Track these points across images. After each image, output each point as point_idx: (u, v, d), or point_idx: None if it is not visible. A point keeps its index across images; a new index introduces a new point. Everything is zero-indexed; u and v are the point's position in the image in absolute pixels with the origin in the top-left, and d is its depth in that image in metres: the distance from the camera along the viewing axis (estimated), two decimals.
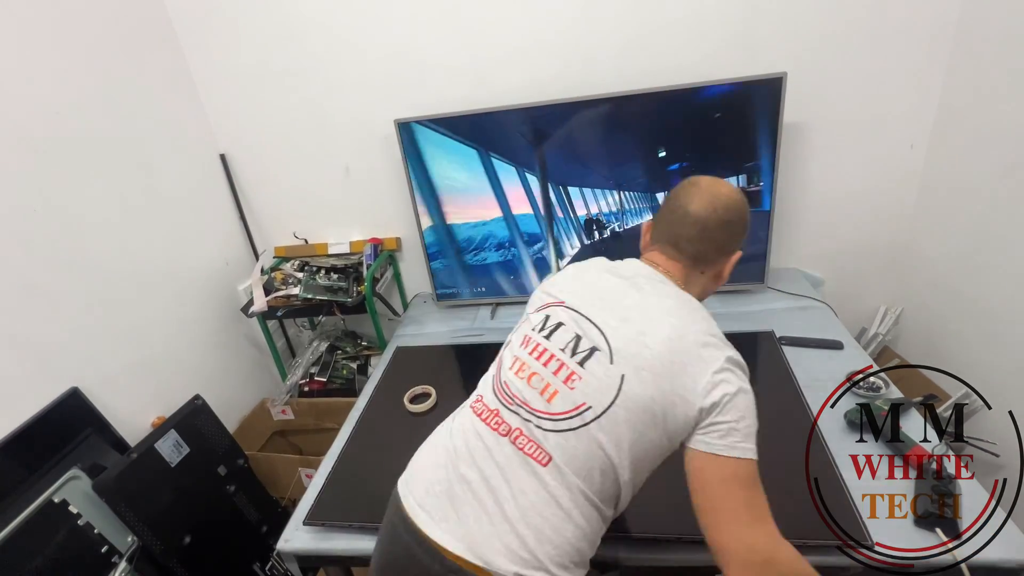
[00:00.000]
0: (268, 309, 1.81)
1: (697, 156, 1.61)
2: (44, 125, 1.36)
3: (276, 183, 1.96)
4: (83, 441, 1.36)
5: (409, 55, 1.70)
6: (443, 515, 0.77)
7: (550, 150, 1.66)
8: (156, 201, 1.68)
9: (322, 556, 1.10)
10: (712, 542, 0.70)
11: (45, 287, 1.34)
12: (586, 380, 0.76)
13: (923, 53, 1.53)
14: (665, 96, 1.52)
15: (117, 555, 1.31)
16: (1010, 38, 1.34)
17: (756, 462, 0.71)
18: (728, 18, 1.55)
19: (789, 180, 1.70)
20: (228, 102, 1.85)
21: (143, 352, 1.59)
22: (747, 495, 0.70)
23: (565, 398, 0.76)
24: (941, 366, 1.41)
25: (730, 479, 0.71)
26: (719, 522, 0.70)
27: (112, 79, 1.55)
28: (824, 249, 1.85)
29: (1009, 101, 1.35)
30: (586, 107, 1.57)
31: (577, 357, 0.78)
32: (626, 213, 1.71)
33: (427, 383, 1.45)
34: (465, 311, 1.91)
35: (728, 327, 1.56)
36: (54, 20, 1.39)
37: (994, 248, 1.43)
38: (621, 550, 0.97)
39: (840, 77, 1.58)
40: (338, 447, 1.31)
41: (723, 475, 0.71)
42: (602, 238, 1.75)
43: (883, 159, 1.68)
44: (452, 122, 1.65)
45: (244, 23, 1.72)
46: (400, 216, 1.93)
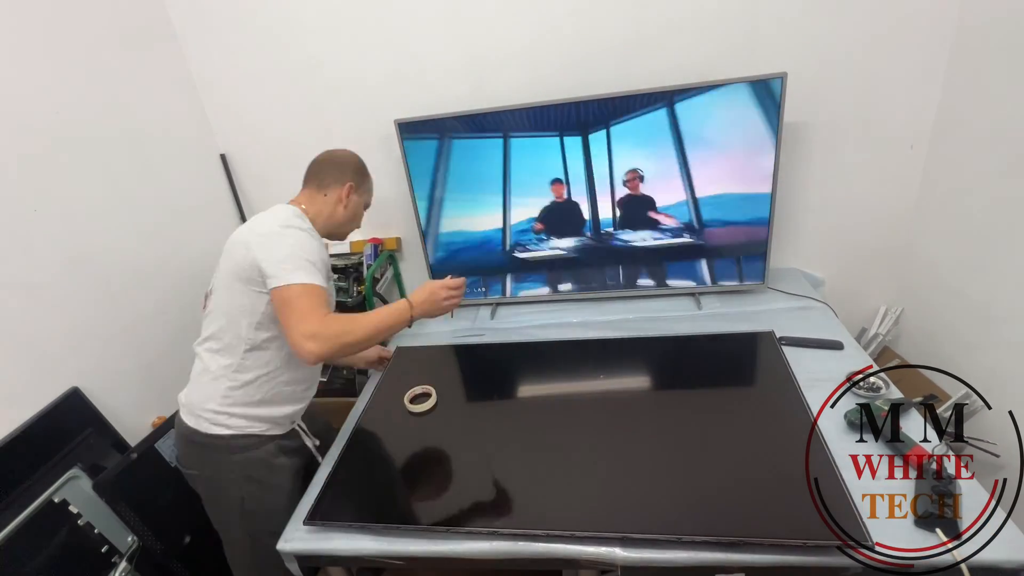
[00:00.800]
0: None
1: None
2: (44, 125, 1.36)
3: (276, 183, 1.96)
4: (83, 441, 1.36)
5: (409, 55, 1.70)
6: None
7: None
8: (156, 200, 1.68)
9: (322, 556, 1.10)
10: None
11: (45, 287, 1.34)
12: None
13: (923, 53, 1.53)
14: (665, 96, 1.53)
15: (117, 555, 1.31)
16: (1010, 38, 1.34)
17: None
18: (728, 18, 1.55)
19: (789, 180, 1.70)
20: (228, 102, 1.85)
21: (143, 352, 1.59)
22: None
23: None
24: (941, 366, 1.41)
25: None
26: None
27: (112, 79, 1.55)
28: (824, 249, 1.85)
29: (1009, 101, 1.35)
30: (586, 107, 1.57)
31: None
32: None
33: (427, 383, 1.45)
34: (465, 311, 1.91)
35: (729, 327, 1.59)
36: (54, 20, 1.39)
37: (994, 248, 1.43)
38: (619, 550, 0.97)
39: (840, 77, 1.59)
40: (338, 447, 1.31)
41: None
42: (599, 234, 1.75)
43: (883, 159, 1.68)
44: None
45: (244, 23, 1.72)
46: (400, 216, 1.93)
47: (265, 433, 1.20)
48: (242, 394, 1.16)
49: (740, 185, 1.61)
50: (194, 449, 1.19)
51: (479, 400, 1.46)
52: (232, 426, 1.16)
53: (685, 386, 1.43)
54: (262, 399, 1.18)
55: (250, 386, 1.16)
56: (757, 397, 1.33)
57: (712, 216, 1.66)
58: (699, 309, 1.73)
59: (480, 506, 1.09)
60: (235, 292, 1.11)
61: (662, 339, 1.58)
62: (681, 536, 0.95)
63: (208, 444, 1.16)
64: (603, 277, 1.82)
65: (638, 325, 1.68)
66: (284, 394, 1.21)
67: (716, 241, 1.70)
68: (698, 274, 1.76)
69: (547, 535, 1.00)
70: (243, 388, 1.16)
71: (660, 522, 0.99)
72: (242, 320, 1.12)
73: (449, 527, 1.04)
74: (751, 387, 1.38)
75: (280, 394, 1.20)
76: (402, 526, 1.06)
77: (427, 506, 1.11)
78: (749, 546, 0.94)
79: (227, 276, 1.13)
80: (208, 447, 1.17)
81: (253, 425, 1.18)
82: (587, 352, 1.58)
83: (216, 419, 1.16)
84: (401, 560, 1.05)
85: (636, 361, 1.53)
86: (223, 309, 1.15)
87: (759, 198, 1.61)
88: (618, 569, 0.98)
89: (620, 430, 1.24)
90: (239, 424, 1.16)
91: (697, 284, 1.77)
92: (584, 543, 0.99)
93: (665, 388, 1.45)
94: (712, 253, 1.72)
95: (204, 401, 1.17)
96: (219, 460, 1.17)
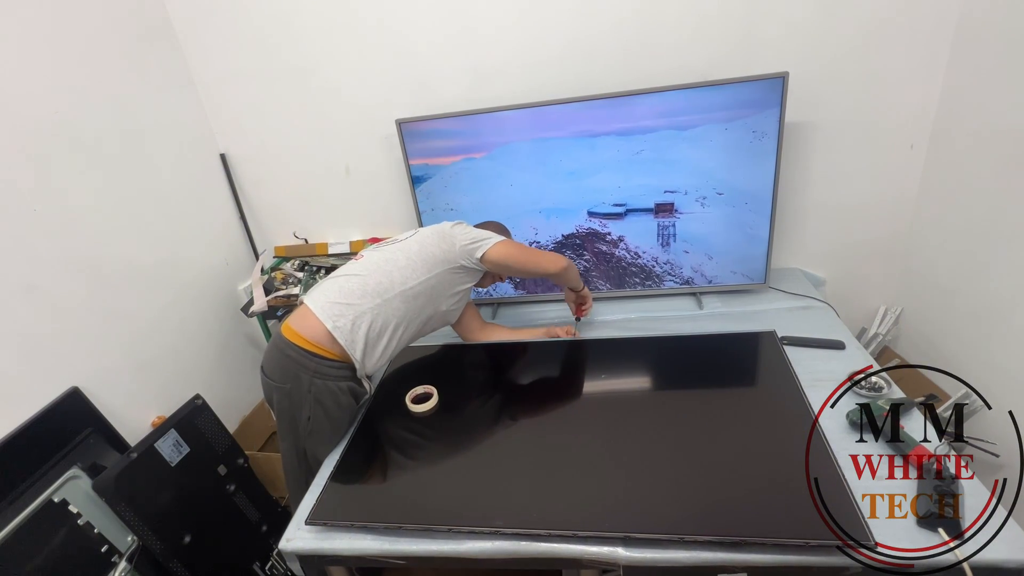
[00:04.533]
0: (268, 309, 1.80)
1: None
2: (44, 125, 1.36)
3: (276, 183, 1.96)
4: (83, 441, 1.36)
5: (410, 54, 1.70)
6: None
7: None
8: (156, 201, 1.67)
9: (324, 556, 1.10)
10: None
11: (45, 287, 1.34)
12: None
13: (923, 53, 1.53)
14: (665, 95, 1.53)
15: (117, 555, 1.31)
16: (1010, 38, 1.34)
17: None
18: (729, 18, 1.55)
19: (790, 180, 1.70)
20: (228, 102, 1.85)
21: (143, 352, 1.59)
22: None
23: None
24: (941, 366, 1.42)
25: None
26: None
27: (112, 79, 1.54)
28: (825, 249, 1.86)
29: (1009, 101, 1.35)
30: (586, 107, 1.57)
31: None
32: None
33: (428, 383, 1.44)
34: None
35: (730, 327, 1.59)
36: (54, 20, 1.39)
37: (994, 248, 1.43)
38: (621, 550, 0.97)
39: (840, 77, 1.59)
40: (340, 447, 1.31)
41: None
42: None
43: (883, 159, 1.68)
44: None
45: (244, 23, 1.72)
46: (400, 216, 1.93)
47: (349, 369, 1.30)
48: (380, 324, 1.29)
49: (741, 184, 1.61)
50: (286, 362, 1.26)
51: (481, 400, 1.46)
52: (344, 341, 1.25)
53: (687, 386, 1.43)
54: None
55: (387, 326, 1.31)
56: (758, 397, 1.33)
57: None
58: (700, 309, 1.73)
59: (482, 506, 1.09)
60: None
61: (664, 339, 1.58)
62: (683, 536, 0.95)
63: (300, 361, 1.25)
64: (603, 277, 1.82)
65: (639, 325, 1.68)
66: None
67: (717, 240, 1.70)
68: (699, 273, 1.76)
69: (549, 535, 1.00)
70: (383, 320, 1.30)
71: (662, 522, 0.99)
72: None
73: (451, 526, 1.04)
74: (752, 387, 1.38)
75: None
76: (404, 526, 1.06)
77: (429, 506, 1.11)
78: (751, 546, 0.94)
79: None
80: (299, 363, 1.25)
81: (356, 354, 1.27)
82: (589, 352, 1.58)
83: (342, 324, 1.26)
84: (403, 560, 1.05)
85: (638, 361, 1.53)
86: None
87: (760, 197, 1.62)
88: (620, 569, 0.98)
89: (622, 430, 1.24)
90: (350, 342, 1.26)
91: (698, 283, 1.78)
92: (586, 543, 0.99)
93: (667, 388, 1.45)
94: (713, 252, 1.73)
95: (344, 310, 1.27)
96: (302, 379, 1.25)
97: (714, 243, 1.71)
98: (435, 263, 1.35)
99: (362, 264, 1.36)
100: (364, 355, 1.29)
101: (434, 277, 1.35)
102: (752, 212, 1.64)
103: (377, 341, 1.30)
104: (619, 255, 1.79)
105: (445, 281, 1.37)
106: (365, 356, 1.29)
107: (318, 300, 1.29)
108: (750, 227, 1.67)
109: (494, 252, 1.36)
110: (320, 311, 1.27)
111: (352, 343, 1.26)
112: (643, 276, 1.80)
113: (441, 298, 1.39)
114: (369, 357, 1.30)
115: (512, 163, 1.69)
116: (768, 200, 1.62)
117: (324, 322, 1.25)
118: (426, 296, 1.35)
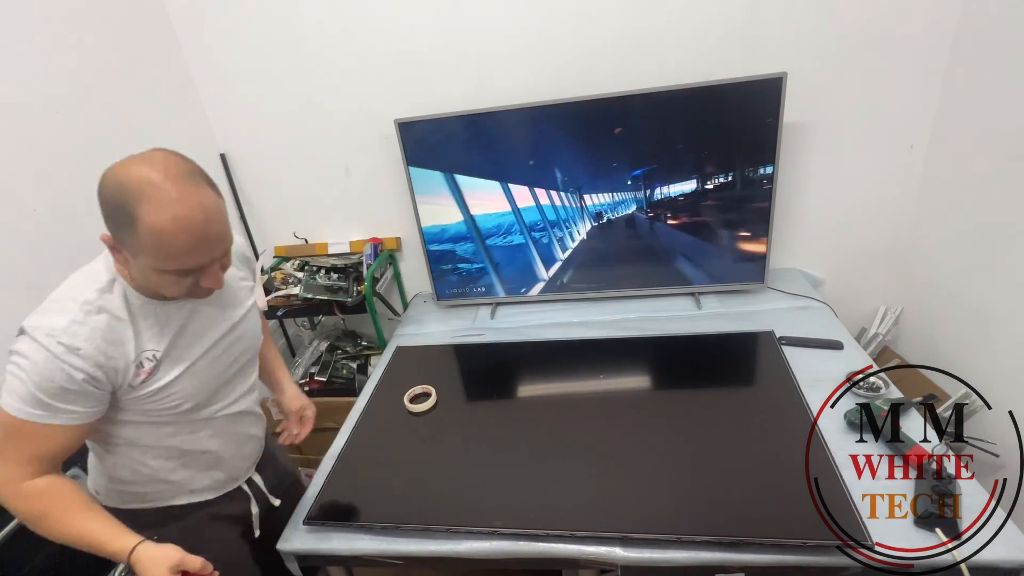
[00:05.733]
0: (268, 309, 1.80)
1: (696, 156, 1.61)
2: (44, 124, 1.36)
3: (276, 183, 1.96)
4: None
5: (409, 55, 1.70)
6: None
7: (559, 153, 1.66)
8: None
9: (322, 556, 1.10)
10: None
11: (45, 287, 1.34)
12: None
13: (923, 53, 1.53)
14: (665, 96, 1.53)
15: None
16: (1010, 38, 1.34)
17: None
18: (728, 18, 1.55)
19: (789, 180, 1.70)
20: (228, 102, 1.85)
21: None
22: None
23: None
24: (941, 366, 1.41)
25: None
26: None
27: (112, 79, 1.55)
28: (824, 249, 1.85)
29: (1009, 101, 1.35)
30: (586, 106, 1.57)
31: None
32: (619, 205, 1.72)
33: (427, 383, 1.45)
34: (465, 311, 1.91)
35: (728, 327, 1.59)
36: (53, 20, 1.39)
37: (994, 248, 1.43)
38: (619, 550, 0.97)
39: (840, 77, 1.58)
40: (338, 447, 1.31)
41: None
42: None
43: (883, 159, 1.68)
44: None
45: (244, 23, 1.72)
46: (400, 216, 1.93)
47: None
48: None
49: (740, 183, 1.61)
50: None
51: (479, 400, 1.46)
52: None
53: (685, 386, 1.43)
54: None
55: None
56: (757, 397, 1.33)
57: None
58: (699, 309, 1.73)
59: (480, 506, 1.09)
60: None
61: (662, 339, 1.58)
62: (681, 536, 0.95)
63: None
64: (604, 275, 1.82)
65: (638, 325, 1.68)
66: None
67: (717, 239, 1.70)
68: (698, 273, 1.76)
69: (547, 535, 1.00)
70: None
71: (660, 522, 0.99)
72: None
73: (449, 526, 1.04)
74: (751, 387, 1.38)
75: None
76: (402, 525, 1.06)
77: (427, 506, 1.11)
78: (749, 546, 0.94)
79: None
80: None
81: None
82: (587, 352, 1.58)
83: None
84: (401, 560, 1.05)
85: (636, 361, 1.53)
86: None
87: (759, 197, 1.61)
88: (618, 569, 0.98)
89: (620, 430, 1.24)
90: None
91: (697, 283, 1.78)
92: (584, 543, 0.99)
93: (665, 388, 1.45)
94: (712, 251, 1.73)
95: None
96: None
97: (712, 243, 1.71)
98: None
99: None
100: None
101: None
102: (751, 212, 1.64)
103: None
104: (619, 255, 1.79)
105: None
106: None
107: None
108: (749, 227, 1.67)
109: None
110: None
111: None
112: (641, 276, 1.80)
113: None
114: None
115: (512, 163, 1.69)
116: (767, 200, 1.61)
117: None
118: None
